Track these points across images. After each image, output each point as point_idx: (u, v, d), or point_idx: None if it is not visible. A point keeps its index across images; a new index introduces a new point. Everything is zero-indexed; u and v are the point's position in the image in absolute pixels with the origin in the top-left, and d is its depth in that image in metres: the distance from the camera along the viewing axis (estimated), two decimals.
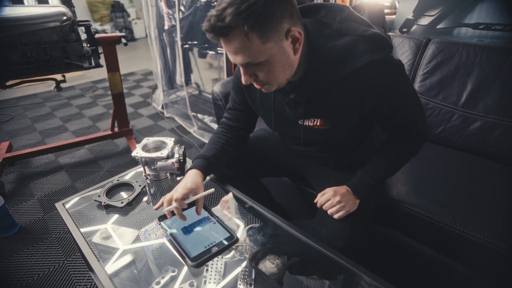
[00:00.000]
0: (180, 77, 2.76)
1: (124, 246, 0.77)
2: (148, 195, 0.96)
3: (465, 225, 0.87)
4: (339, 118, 0.75)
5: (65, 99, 3.03)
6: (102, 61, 1.62)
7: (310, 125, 0.78)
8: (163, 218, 0.81)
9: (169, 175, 1.01)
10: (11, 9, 1.32)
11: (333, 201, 0.80)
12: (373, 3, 1.59)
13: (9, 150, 1.91)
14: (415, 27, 1.56)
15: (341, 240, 0.80)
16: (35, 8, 1.40)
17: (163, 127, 2.45)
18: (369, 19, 1.54)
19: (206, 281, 0.67)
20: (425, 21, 1.51)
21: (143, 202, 0.92)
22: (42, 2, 1.57)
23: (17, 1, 1.54)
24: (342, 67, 0.67)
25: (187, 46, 2.22)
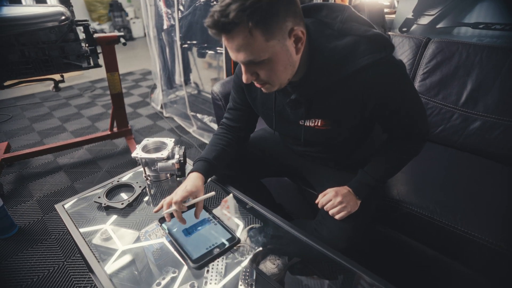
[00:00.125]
0: (179, 77, 2.75)
1: (124, 247, 0.76)
2: (148, 196, 0.96)
3: (465, 225, 0.88)
4: (340, 118, 0.75)
5: (63, 99, 3.01)
6: (100, 61, 1.61)
7: (311, 125, 0.78)
8: (163, 220, 0.80)
9: (169, 176, 1.01)
10: (9, 8, 1.31)
11: (335, 201, 0.80)
12: (373, 2, 1.58)
13: (8, 150, 1.90)
14: (414, 26, 1.56)
15: (343, 240, 0.80)
16: (33, 7, 1.39)
17: (162, 127, 2.45)
18: (368, 18, 1.53)
19: (207, 282, 0.67)
20: (425, 20, 1.51)
21: (143, 203, 0.92)
22: (40, 1, 1.56)
23: (15, 1, 1.53)
24: (343, 67, 0.66)
25: (186, 45, 2.21)
